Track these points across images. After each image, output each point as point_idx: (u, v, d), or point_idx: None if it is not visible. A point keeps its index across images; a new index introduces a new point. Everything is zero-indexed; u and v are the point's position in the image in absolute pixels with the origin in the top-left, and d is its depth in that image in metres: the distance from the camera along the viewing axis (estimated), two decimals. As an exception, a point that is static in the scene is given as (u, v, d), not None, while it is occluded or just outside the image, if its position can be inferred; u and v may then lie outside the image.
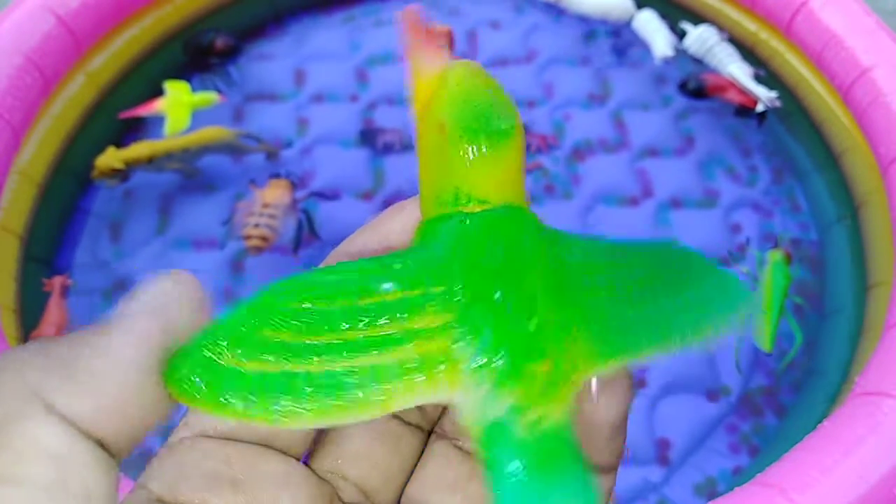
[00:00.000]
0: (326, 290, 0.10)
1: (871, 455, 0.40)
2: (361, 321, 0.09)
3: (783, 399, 0.56)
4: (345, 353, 0.09)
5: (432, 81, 0.11)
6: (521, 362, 0.10)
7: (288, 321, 0.09)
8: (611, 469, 0.12)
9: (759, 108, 0.67)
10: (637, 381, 0.57)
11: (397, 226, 0.12)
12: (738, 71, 0.68)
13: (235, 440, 0.11)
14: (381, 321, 0.10)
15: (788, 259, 0.56)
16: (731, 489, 0.41)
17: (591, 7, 0.75)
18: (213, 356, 0.09)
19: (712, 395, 0.56)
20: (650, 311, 0.11)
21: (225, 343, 0.09)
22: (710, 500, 0.41)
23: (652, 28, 0.72)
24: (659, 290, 0.11)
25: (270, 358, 0.09)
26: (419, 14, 0.12)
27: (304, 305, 0.09)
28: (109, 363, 0.09)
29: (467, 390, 0.10)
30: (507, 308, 0.10)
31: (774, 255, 0.56)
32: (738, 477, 0.52)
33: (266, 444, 0.11)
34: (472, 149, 0.10)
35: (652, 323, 0.11)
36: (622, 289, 0.11)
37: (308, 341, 0.09)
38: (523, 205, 0.11)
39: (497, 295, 0.10)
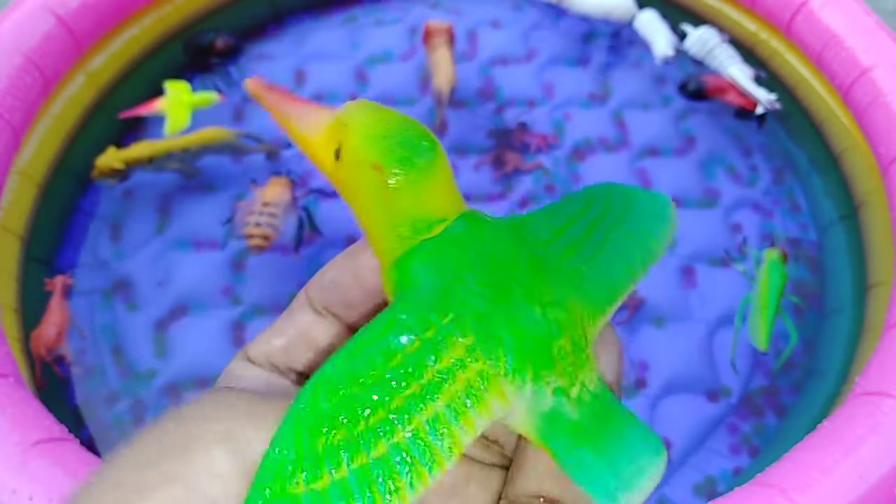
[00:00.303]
0: (355, 373, 0.10)
1: (871, 455, 0.40)
2: (400, 385, 0.10)
3: (783, 399, 0.56)
4: (400, 424, 0.10)
5: (330, 131, 0.12)
6: (547, 346, 0.10)
7: (335, 422, 0.10)
8: None
9: (759, 110, 0.67)
10: (637, 382, 0.56)
11: (368, 261, 0.12)
12: (738, 73, 0.68)
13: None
14: (417, 375, 0.10)
15: (785, 258, 0.56)
16: (732, 489, 0.41)
17: (592, 7, 0.75)
18: (295, 492, 0.09)
19: (713, 395, 0.56)
20: (610, 251, 0.12)
21: (300, 473, 0.09)
22: (710, 500, 0.41)
23: (653, 28, 0.72)
24: (607, 227, 0.12)
25: (342, 463, 0.09)
26: (263, 79, 0.12)
27: (342, 396, 0.10)
28: None
29: (514, 396, 0.10)
30: (512, 307, 0.10)
31: (771, 254, 0.56)
32: (739, 477, 0.52)
33: None
34: (414, 176, 0.11)
35: (616, 260, 0.12)
36: (581, 241, 0.12)
37: (362, 429, 0.09)
38: (466, 208, 0.11)
39: (498, 300, 0.10)
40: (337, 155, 0.11)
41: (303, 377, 0.12)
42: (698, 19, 0.74)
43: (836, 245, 0.62)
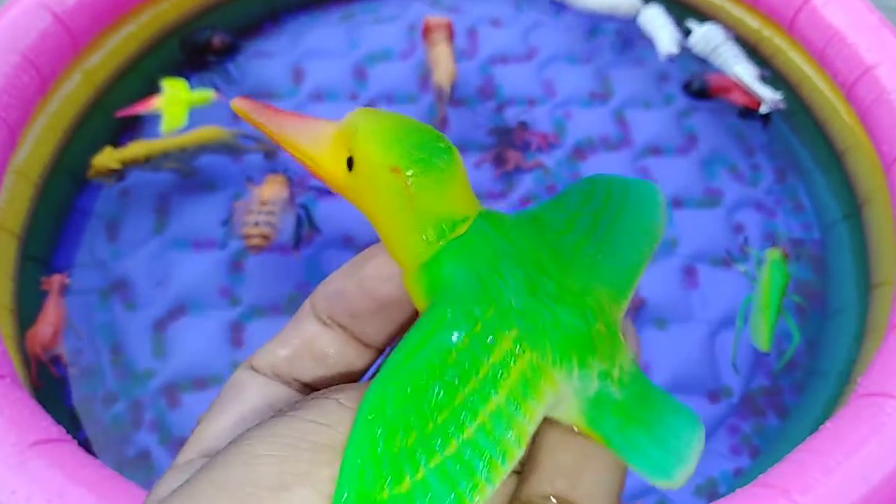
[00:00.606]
0: (414, 375, 0.10)
1: (873, 456, 0.40)
2: (460, 383, 0.10)
3: (785, 400, 0.56)
4: (467, 420, 0.10)
5: (337, 141, 0.12)
6: (586, 333, 0.11)
7: (406, 425, 0.10)
8: None
9: (763, 109, 0.66)
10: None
11: (373, 271, 0.12)
12: (743, 71, 0.67)
13: None
14: (473, 371, 0.10)
15: (787, 258, 0.56)
16: (733, 490, 0.41)
17: (598, 3, 0.74)
18: (380, 498, 0.09)
19: (713, 395, 0.56)
20: (618, 236, 0.12)
21: (382, 480, 0.09)
22: (710, 501, 0.40)
23: (658, 24, 0.72)
24: (611, 215, 0.13)
25: (420, 464, 0.09)
26: (249, 100, 0.12)
27: (406, 399, 0.10)
28: None
29: (564, 383, 0.10)
30: (548, 299, 0.11)
31: (773, 254, 0.56)
32: (740, 478, 0.51)
33: None
34: (434, 177, 0.11)
35: (625, 245, 0.12)
36: (592, 230, 0.12)
37: (431, 430, 0.10)
38: (481, 207, 0.12)
39: (533, 293, 0.11)
40: (350, 165, 0.11)
41: (307, 387, 0.12)
42: (701, 16, 0.73)
43: (839, 244, 0.62)
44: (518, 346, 0.10)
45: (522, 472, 0.12)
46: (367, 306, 0.12)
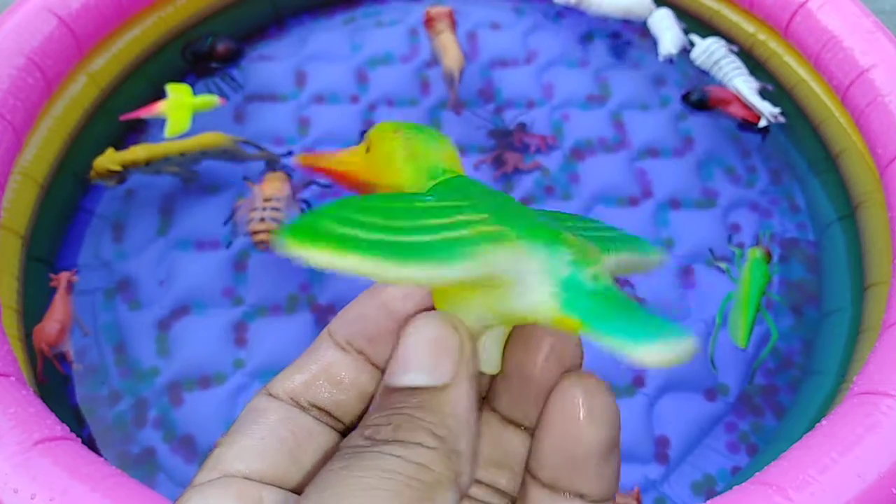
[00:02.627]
0: (383, 201, 0.11)
1: (869, 454, 0.41)
2: (427, 210, 0.11)
3: (781, 398, 0.57)
4: (431, 218, 0.11)
5: (362, 146, 0.15)
6: (555, 230, 0.11)
7: (373, 209, 0.11)
8: (603, 501, 0.12)
9: (762, 123, 0.67)
10: (635, 380, 0.57)
11: (392, 292, 0.12)
12: (743, 84, 0.67)
13: (254, 480, 0.11)
14: (439, 216, 0.11)
15: (768, 257, 0.57)
16: (730, 488, 0.41)
17: (611, 7, 0.75)
18: (330, 218, 0.10)
19: (710, 393, 0.56)
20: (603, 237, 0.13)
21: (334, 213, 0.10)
22: (708, 498, 0.41)
23: (663, 26, 0.73)
24: (600, 233, 0.13)
25: (373, 219, 0.10)
26: (306, 153, 0.15)
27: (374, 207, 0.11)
28: None
29: (529, 254, 0.10)
30: (519, 208, 0.12)
31: (754, 253, 0.57)
32: (737, 476, 0.52)
33: (280, 486, 0.11)
34: (426, 135, 0.14)
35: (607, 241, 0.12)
36: (578, 225, 0.13)
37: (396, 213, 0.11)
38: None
39: (506, 207, 0.12)
40: (367, 149, 0.15)
41: (325, 413, 0.12)
42: (696, 21, 0.74)
43: (834, 245, 0.62)
44: (484, 217, 0.11)
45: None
46: (387, 327, 0.12)
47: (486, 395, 0.13)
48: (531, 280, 0.10)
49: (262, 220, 0.56)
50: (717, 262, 0.60)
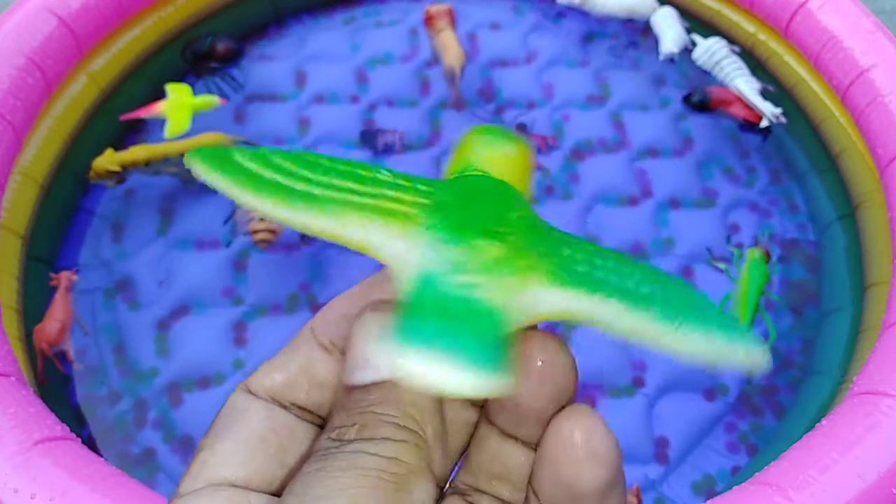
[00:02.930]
0: (330, 159, 0.12)
1: (869, 454, 0.41)
2: (350, 171, 0.11)
3: (781, 398, 0.57)
4: (333, 176, 0.11)
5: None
6: (468, 233, 0.11)
7: (295, 160, 0.11)
8: None
9: (764, 123, 0.67)
10: (635, 381, 0.57)
11: (383, 294, 0.12)
12: (744, 85, 0.67)
13: (241, 487, 0.11)
14: (367, 180, 0.11)
15: (767, 257, 0.57)
16: (730, 488, 0.41)
17: (616, 7, 0.75)
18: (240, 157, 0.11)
19: (710, 394, 0.56)
20: (627, 281, 0.11)
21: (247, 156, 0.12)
22: (708, 498, 0.41)
23: (666, 25, 0.73)
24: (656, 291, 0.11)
25: (277, 161, 0.11)
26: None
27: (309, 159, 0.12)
28: None
29: (412, 238, 0.11)
30: (475, 209, 0.11)
31: (753, 253, 0.57)
32: (737, 476, 0.52)
33: (266, 490, 0.11)
34: (488, 138, 0.14)
35: (622, 285, 0.11)
36: (602, 261, 0.11)
37: (308, 164, 0.11)
38: (523, 191, 0.13)
39: (470, 200, 0.12)
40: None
41: (306, 412, 0.12)
42: (697, 21, 0.74)
43: (834, 245, 0.62)
44: (412, 204, 0.11)
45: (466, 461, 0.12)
46: None
47: (484, 407, 0.13)
48: (403, 256, 0.11)
49: (262, 219, 0.57)
50: (715, 263, 0.60)
